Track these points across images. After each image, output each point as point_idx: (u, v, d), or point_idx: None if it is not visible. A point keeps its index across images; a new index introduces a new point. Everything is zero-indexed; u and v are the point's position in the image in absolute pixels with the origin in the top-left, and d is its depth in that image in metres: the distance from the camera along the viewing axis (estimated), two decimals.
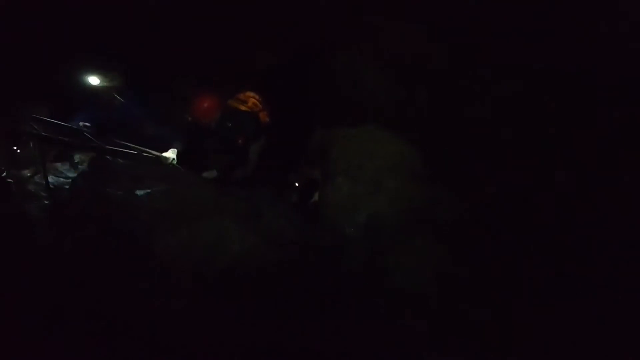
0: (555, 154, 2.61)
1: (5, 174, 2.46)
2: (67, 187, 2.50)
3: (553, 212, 2.39)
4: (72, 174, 2.67)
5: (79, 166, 2.66)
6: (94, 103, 3.04)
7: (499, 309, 2.12)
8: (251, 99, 3.46)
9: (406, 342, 2.10)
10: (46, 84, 3.24)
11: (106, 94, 3.04)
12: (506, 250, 2.29)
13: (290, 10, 3.55)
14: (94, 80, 3.00)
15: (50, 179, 2.47)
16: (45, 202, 2.40)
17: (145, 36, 3.54)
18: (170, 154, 2.94)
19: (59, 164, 2.80)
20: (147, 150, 2.74)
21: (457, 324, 2.12)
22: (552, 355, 2.02)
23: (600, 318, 2.03)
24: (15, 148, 2.56)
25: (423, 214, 2.67)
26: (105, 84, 3.02)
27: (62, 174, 2.66)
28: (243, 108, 3.41)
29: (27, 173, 2.56)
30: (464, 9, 3.03)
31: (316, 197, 3.39)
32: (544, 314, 2.04)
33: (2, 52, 2.97)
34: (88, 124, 2.77)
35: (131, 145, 2.64)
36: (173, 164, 2.88)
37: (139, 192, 2.34)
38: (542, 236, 2.30)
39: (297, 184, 3.76)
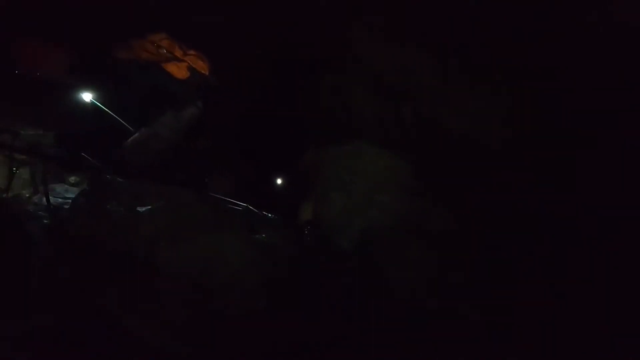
0: (547, 160, 2.64)
1: (4, 194, 2.48)
2: (66, 206, 2.53)
3: (542, 218, 2.48)
4: (69, 195, 2.70)
5: (78, 185, 2.69)
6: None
7: (494, 312, 2.20)
8: (147, 44, 2.19)
9: (405, 348, 2.16)
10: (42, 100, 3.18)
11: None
12: (496, 256, 2.40)
13: (276, 27, 3.60)
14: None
15: (50, 198, 2.50)
16: (45, 221, 2.42)
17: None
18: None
19: (55, 185, 2.83)
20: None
21: (453, 328, 2.19)
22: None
23: (595, 321, 2.07)
24: (14, 168, 2.58)
25: (415, 225, 2.78)
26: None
27: (60, 195, 2.69)
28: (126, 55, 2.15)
29: (26, 193, 2.59)
30: (460, 10, 2.96)
31: (308, 212, 3.43)
32: (538, 316, 2.12)
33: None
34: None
35: None
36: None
37: (140, 209, 2.39)
38: (531, 241, 2.39)
39: (287, 200, 3.79)
